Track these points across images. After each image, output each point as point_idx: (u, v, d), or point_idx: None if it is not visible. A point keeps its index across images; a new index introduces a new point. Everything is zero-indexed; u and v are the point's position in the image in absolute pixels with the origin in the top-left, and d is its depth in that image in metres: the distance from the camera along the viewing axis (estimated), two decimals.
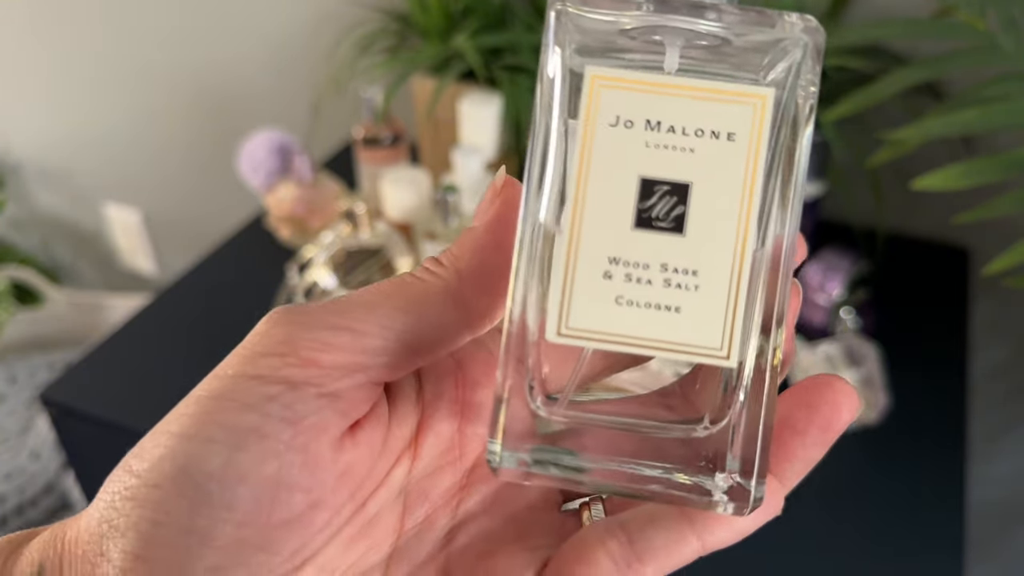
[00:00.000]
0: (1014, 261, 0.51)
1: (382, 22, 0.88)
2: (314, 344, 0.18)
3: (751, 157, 0.17)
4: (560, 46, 0.17)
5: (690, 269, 0.17)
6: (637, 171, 0.17)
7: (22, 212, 1.50)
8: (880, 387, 0.62)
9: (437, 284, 0.19)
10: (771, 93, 0.17)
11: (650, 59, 0.18)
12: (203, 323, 0.78)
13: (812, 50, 0.17)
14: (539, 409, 0.18)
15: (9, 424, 1.19)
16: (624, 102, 0.17)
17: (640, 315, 0.17)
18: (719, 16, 0.17)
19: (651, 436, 0.18)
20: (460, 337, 0.20)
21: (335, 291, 0.72)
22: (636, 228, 0.17)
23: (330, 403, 0.18)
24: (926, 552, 0.56)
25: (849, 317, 0.68)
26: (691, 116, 0.17)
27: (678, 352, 0.17)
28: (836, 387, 0.18)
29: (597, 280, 0.17)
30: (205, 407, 0.18)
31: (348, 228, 0.71)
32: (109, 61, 1.21)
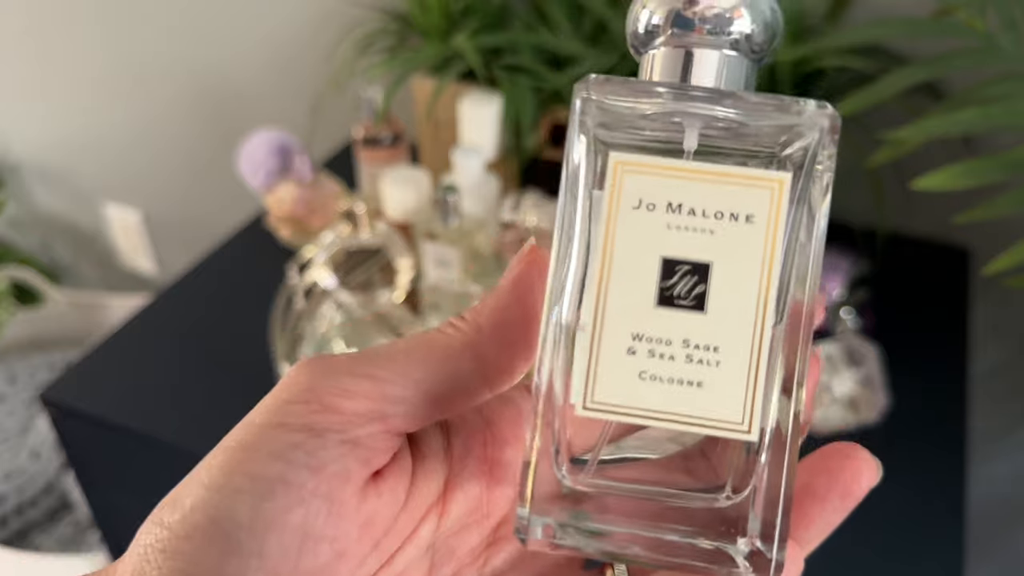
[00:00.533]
0: (1014, 261, 0.51)
1: (382, 22, 0.88)
2: (335, 391, 0.19)
3: (769, 238, 0.18)
4: (585, 134, 0.18)
5: (711, 345, 0.18)
6: (659, 251, 0.18)
7: (22, 212, 1.50)
8: (880, 387, 0.62)
9: (457, 337, 0.20)
10: (788, 177, 0.18)
11: (670, 138, 0.19)
12: (203, 323, 0.78)
13: (828, 133, 0.18)
14: (564, 477, 0.19)
15: (9, 424, 1.19)
16: (646, 186, 0.18)
17: (663, 390, 0.18)
18: (736, 103, 0.18)
19: (673, 504, 0.19)
20: (479, 391, 0.20)
21: (335, 291, 0.72)
22: (658, 306, 0.18)
23: (351, 450, 0.18)
24: (926, 552, 0.56)
25: (849, 317, 0.68)
26: (711, 199, 0.18)
27: (700, 426, 0.18)
28: (857, 456, 0.19)
29: (621, 356, 0.18)
30: (233, 457, 0.18)
31: (348, 228, 0.71)
32: (109, 61, 1.21)
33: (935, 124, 0.54)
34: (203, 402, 0.69)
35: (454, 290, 0.74)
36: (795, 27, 0.69)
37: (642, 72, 0.20)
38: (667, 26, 0.19)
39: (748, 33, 0.19)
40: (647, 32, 0.19)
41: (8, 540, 1.12)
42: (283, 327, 0.71)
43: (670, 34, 0.19)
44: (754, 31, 0.19)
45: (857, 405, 0.63)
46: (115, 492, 0.77)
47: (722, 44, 0.19)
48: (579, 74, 0.75)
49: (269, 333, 0.71)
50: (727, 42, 0.19)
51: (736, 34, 0.19)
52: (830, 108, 0.18)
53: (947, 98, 0.63)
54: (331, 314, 0.76)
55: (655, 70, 0.19)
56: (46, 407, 0.71)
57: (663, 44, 0.19)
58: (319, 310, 0.76)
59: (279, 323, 0.70)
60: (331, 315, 0.76)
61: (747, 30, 0.19)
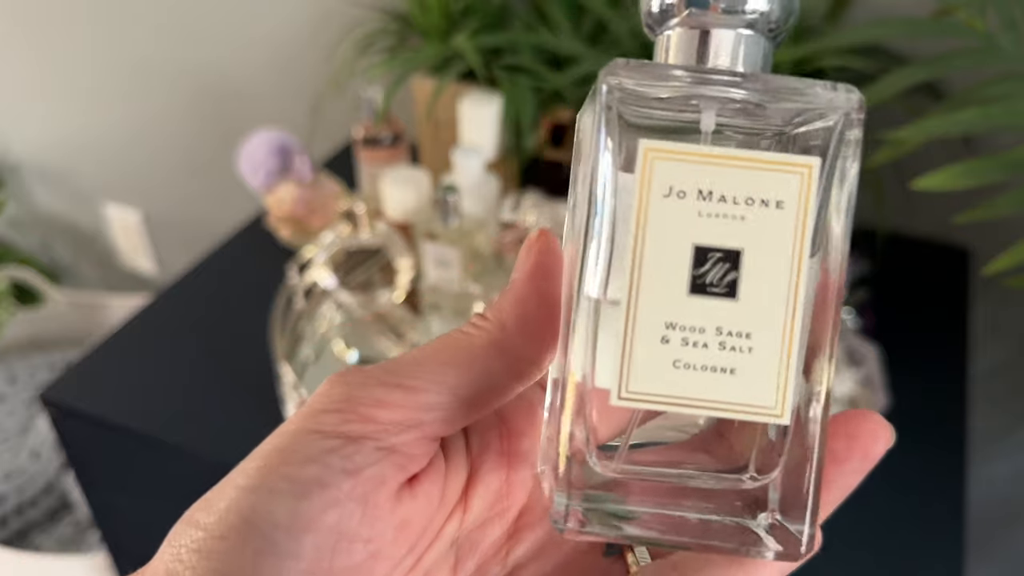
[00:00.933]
0: (1014, 261, 0.51)
1: (382, 22, 0.88)
2: (370, 401, 0.19)
3: (799, 223, 0.18)
4: (611, 116, 0.18)
5: (744, 332, 0.18)
6: (691, 239, 0.18)
7: (22, 212, 1.50)
8: (880, 387, 0.62)
9: (482, 336, 0.20)
10: (816, 162, 0.18)
11: (683, 118, 0.18)
12: (203, 323, 0.78)
13: (855, 114, 0.18)
14: (595, 464, 0.19)
15: (9, 424, 1.19)
16: (677, 173, 0.18)
17: (697, 377, 0.18)
18: (760, 84, 0.18)
19: (697, 485, 0.19)
20: (510, 387, 0.20)
21: (335, 291, 0.72)
22: (691, 294, 0.18)
23: (387, 456, 0.19)
24: (926, 552, 0.56)
25: (849, 317, 0.68)
26: (741, 186, 0.18)
27: (734, 412, 0.18)
28: (873, 419, 0.19)
29: (655, 345, 0.18)
30: (268, 461, 0.18)
31: (348, 228, 0.71)
32: (109, 61, 1.21)
33: (935, 124, 0.54)
34: (203, 402, 0.69)
35: (454, 290, 0.74)
36: (795, 27, 0.69)
37: (657, 53, 0.20)
38: (682, 5, 0.19)
39: (765, 11, 0.19)
40: (662, 11, 0.19)
41: (8, 540, 1.12)
42: (283, 327, 0.71)
43: (686, 14, 0.19)
44: (771, 8, 0.19)
45: (857, 405, 0.63)
46: (115, 492, 0.77)
47: (738, 23, 0.19)
48: (579, 74, 0.75)
49: (269, 333, 0.71)
50: (743, 21, 0.19)
51: (753, 12, 0.18)
52: (857, 92, 0.18)
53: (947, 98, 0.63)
54: (331, 314, 0.76)
55: (671, 51, 0.19)
56: (46, 407, 0.71)
57: (679, 24, 0.19)
58: (319, 310, 0.76)
59: (279, 323, 0.70)
60: (331, 315, 0.76)
61: (764, 7, 0.18)
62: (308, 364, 0.72)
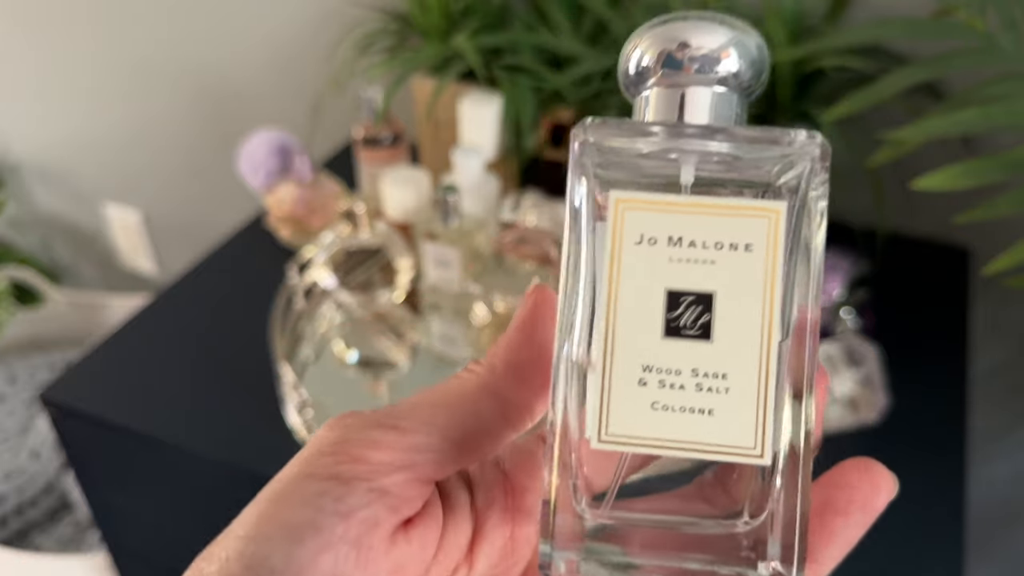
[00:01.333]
0: (1014, 261, 0.51)
1: (382, 22, 0.88)
2: (363, 442, 0.19)
3: (769, 265, 0.18)
4: (585, 174, 0.19)
5: (719, 373, 0.18)
6: (663, 284, 0.18)
7: (22, 212, 1.50)
8: (880, 387, 0.62)
9: (474, 380, 0.21)
10: (784, 206, 0.18)
11: (669, 173, 0.19)
12: (203, 323, 0.78)
13: (819, 160, 0.18)
14: (584, 512, 0.19)
15: (9, 424, 1.19)
16: (647, 221, 0.19)
17: (675, 419, 0.18)
18: (727, 138, 0.19)
19: (694, 533, 0.19)
20: (502, 432, 0.21)
21: (335, 291, 0.72)
22: (666, 337, 0.18)
23: (380, 498, 0.19)
24: (926, 552, 0.56)
25: (849, 317, 0.68)
26: (710, 231, 0.18)
27: (714, 453, 0.18)
28: (874, 469, 0.19)
29: (633, 388, 0.18)
30: (265, 509, 0.19)
31: (348, 228, 0.71)
32: (109, 61, 1.21)
33: (935, 124, 0.54)
34: (203, 402, 0.69)
35: (454, 290, 0.74)
36: (795, 27, 0.69)
37: (636, 112, 0.21)
38: (658, 67, 0.20)
39: (736, 71, 0.19)
40: (638, 73, 0.20)
41: (8, 540, 1.12)
42: (283, 327, 0.71)
43: (661, 75, 0.20)
44: (741, 69, 0.19)
45: (857, 405, 0.63)
46: (115, 492, 0.77)
47: (711, 82, 0.19)
48: (579, 74, 0.75)
49: (269, 333, 0.71)
50: (716, 80, 0.19)
51: (724, 72, 0.19)
52: (819, 137, 0.18)
53: (947, 98, 0.63)
54: (331, 314, 0.76)
55: (649, 110, 0.20)
56: (46, 407, 0.71)
57: (655, 84, 0.20)
58: (319, 310, 0.76)
59: (279, 323, 0.70)
60: (331, 315, 0.76)
61: (735, 68, 0.19)
62: (308, 364, 0.72)
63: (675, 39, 0.19)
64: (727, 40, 0.19)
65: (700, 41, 0.19)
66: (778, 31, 0.68)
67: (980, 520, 0.93)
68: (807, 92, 0.72)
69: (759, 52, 0.20)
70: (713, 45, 0.19)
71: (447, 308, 0.75)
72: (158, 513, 0.76)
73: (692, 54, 0.19)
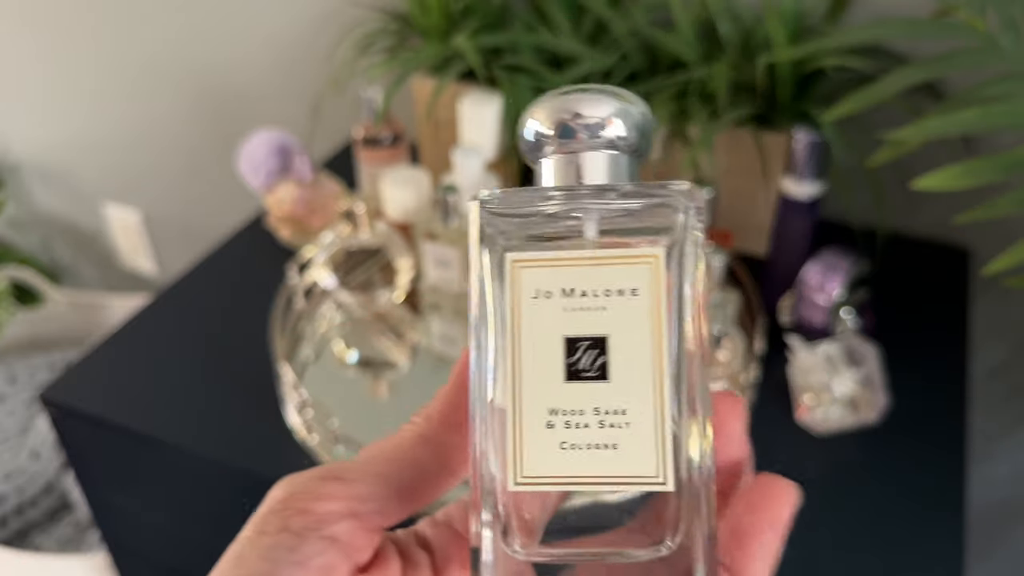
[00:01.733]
0: (1014, 261, 0.51)
1: (382, 22, 0.88)
2: (308, 496, 0.20)
3: (655, 305, 0.20)
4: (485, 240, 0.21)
5: (619, 409, 0.20)
6: (561, 332, 0.20)
7: (22, 212, 1.50)
8: (880, 387, 0.62)
9: (412, 430, 0.22)
10: (663, 252, 0.20)
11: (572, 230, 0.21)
12: (203, 323, 0.78)
13: (693, 209, 0.20)
14: (517, 552, 0.20)
15: (9, 424, 1.19)
16: (540, 277, 0.20)
17: (583, 456, 0.20)
18: (621, 196, 0.21)
19: (629, 564, 0.20)
20: (441, 477, 0.22)
21: (335, 291, 0.72)
22: (568, 380, 0.20)
23: (331, 545, 0.20)
24: (926, 552, 0.56)
25: (849, 317, 0.68)
26: (599, 280, 0.20)
27: (621, 484, 0.20)
28: (774, 484, 0.20)
29: (541, 431, 0.20)
30: (225, 568, 0.20)
31: (348, 228, 0.71)
32: (109, 61, 1.21)
33: (935, 124, 0.54)
34: (203, 402, 0.69)
35: (454, 290, 0.74)
36: (795, 27, 0.69)
37: (537, 178, 0.23)
38: (555, 136, 0.22)
39: (623, 135, 0.22)
40: (536, 142, 0.22)
41: (8, 540, 1.12)
42: (283, 327, 0.71)
43: (558, 144, 0.22)
44: (629, 134, 0.22)
45: (857, 405, 0.63)
46: (115, 492, 0.77)
47: (601, 146, 0.22)
48: (579, 74, 0.75)
49: (269, 333, 0.71)
50: (604, 144, 0.22)
51: (612, 137, 0.21)
52: (691, 186, 0.20)
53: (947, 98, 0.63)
54: (331, 314, 0.76)
55: (548, 175, 0.22)
56: (46, 407, 0.71)
57: (553, 152, 0.22)
58: (319, 310, 0.76)
59: (279, 323, 0.70)
60: (331, 315, 0.76)
61: (622, 133, 0.22)
62: (308, 364, 0.72)
63: (568, 111, 0.21)
64: (613, 110, 0.21)
65: (589, 111, 0.21)
66: (778, 31, 0.68)
67: (980, 520, 0.93)
68: (807, 92, 0.72)
69: (643, 118, 0.22)
70: (600, 115, 0.21)
71: (447, 308, 0.75)
72: (158, 513, 0.76)
73: (582, 123, 0.21)
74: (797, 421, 0.64)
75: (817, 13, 0.74)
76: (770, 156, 0.73)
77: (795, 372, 0.65)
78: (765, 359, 0.68)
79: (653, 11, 0.78)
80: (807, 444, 0.63)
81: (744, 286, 0.71)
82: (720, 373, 0.63)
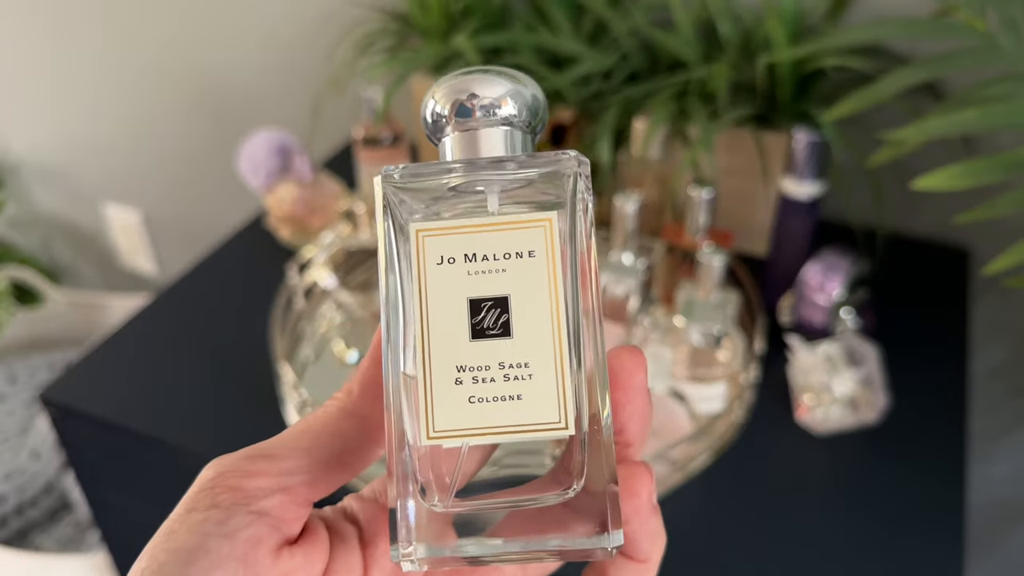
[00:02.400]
0: (1014, 261, 0.51)
1: (382, 22, 0.88)
2: (237, 474, 0.21)
3: (550, 265, 0.21)
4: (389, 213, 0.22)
5: (522, 363, 0.21)
6: (465, 294, 0.21)
7: (22, 212, 1.50)
8: (880, 387, 0.62)
9: (334, 404, 0.23)
10: (554, 215, 0.22)
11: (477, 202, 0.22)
12: (203, 323, 0.78)
13: (582, 175, 0.22)
14: (436, 505, 0.21)
15: (9, 424, 1.19)
16: (444, 245, 0.22)
17: (490, 408, 0.21)
18: (517, 166, 0.22)
19: (542, 509, 0.22)
20: (365, 448, 0.23)
21: (335, 291, 0.72)
22: (473, 339, 0.21)
23: (260, 518, 0.21)
24: (926, 552, 0.56)
25: (849, 317, 0.68)
26: (498, 245, 0.22)
27: (527, 432, 0.21)
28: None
29: (450, 387, 0.21)
30: (157, 543, 0.21)
31: (348, 228, 0.71)
32: (109, 61, 1.21)
33: (935, 124, 0.54)
34: (203, 402, 0.69)
35: None
36: (795, 27, 0.69)
37: (441, 155, 0.24)
38: (451, 115, 0.23)
39: (515, 113, 0.23)
40: (434, 122, 0.24)
41: (8, 540, 1.12)
42: (283, 327, 0.71)
43: (455, 122, 0.23)
44: (520, 111, 0.23)
45: (857, 405, 0.63)
46: (115, 492, 0.77)
47: (496, 124, 0.23)
48: (579, 74, 0.75)
49: (269, 333, 0.71)
50: (499, 121, 0.23)
51: (506, 115, 0.23)
52: (574, 153, 0.22)
53: (947, 98, 0.63)
54: (331, 314, 0.76)
55: (449, 152, 0.24)
56: (46, 407, 0.71)
57: (453, 130, 0.23)
58: (319, 310, 0.76)
59: (279, 323, 0.70)
60: (331, 315, 0.76)
61: (513, 111, 0.23)
62: (308, 364, 0.72)
63: (464, 91, 0.23)
64: (505, 91, 0.23)
65: (483, 92, 0.23)
66: (778, 31, 0.68)
67: (980, 519, 0.93)
68: (807, 92, 0.72)
69: (534, 99, 0.23)
70: (493, 95, 0.23)
71: None
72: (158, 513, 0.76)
73: (477, 103, 0.23)
74: (797, 421, 0.64)
75: (817, 13, 0.74)
76: (770, 156, 0.73)
77: (795, 372, 0.65)
78: (765, 359, 0.68)
79: (653, 11, 0.78)
80: (807, 444, 0.63)
81: (744, 286, 0.71)
82: (720, 373, 0.63)
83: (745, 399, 0.64)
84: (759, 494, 0.59)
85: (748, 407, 0.65)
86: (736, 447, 0.62)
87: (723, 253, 0.64)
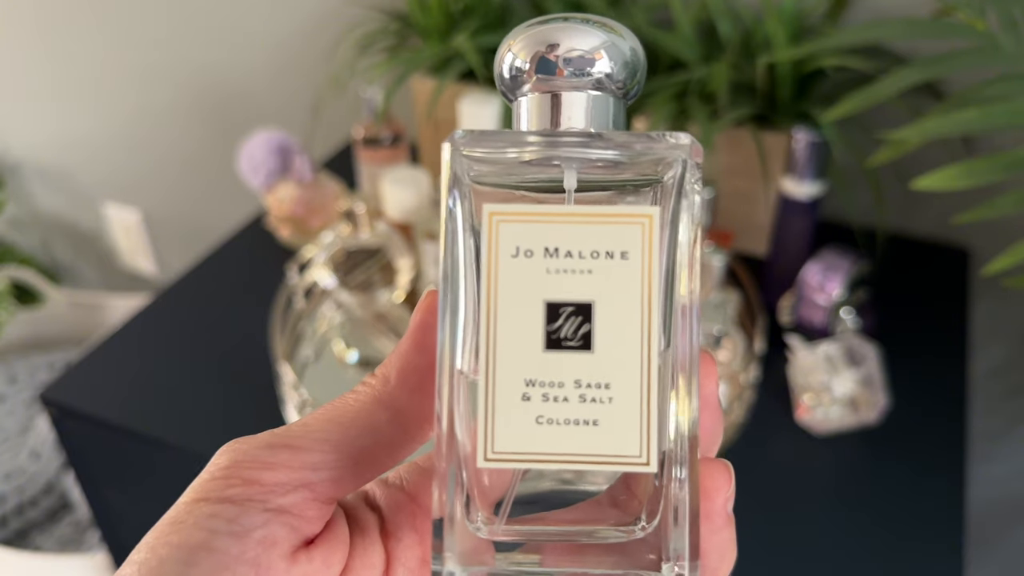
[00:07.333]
0: (1014, 261, 0.51)
1: (382, 22, 0.88)
2: (255, 464, 0.19)
3: (645, 270, 0.18)
4: (458, 187, 0.19)
5: (602, 383, 0.18)
6: (542, 296, 0.18)
7: (22, 212, 1.50)
8: (880, 387, 0.62)
9: (367, 392, 0.20)
10: (656, 211, 0.18)
11: (554, 177, 0.19)
12: (203, 323, 0.78)
13: (691, 162, 0.18)
14: (479, 529, 0.19)
15: (9, 424, 1.19)
16: (521, 233, 0.18)
17: (560, 432, 0.18)
18: (603, 144, 0.19)
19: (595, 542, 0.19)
20: (399, 442, 0.20)
21: (335, 291, 0.72)
22: (547, 349, 0.18)
23: (276, 517, 0.18)
24: (926, 552, 0.56)
25: (849, 317, 0.68)
26: (586, 240, 0.18)
27: (601, 464, 0.18)
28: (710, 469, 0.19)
29: (516, 403, 0.18)
30: (160, 533, 0.19)
31: (348, 228, 0.71)
32: (109, 61, 1.21)
33: (935, 124, 0.54)
34: (203, 402, 0.69)
35: None
36: (795, 27, 0.69)
37: (514, 119, 0.21)
38: (532, 71, 0.19)
39: (610, 72, 0.19)
40: (512, 77, 0.20)
41: (8, 540, 1.12)
42: (283, 327, 0.71)
43: (536, 79, 0.19)
44: (615, 70, 0.19)
45: (857, 405, 0.63)
46: (115, 492, 0.77)
47: (585, 85, 0.19)
48: None
49: (269, 333, 0.71)
50: (590, 83, 0.19)
51: (598, 74, 0.19)
52: (689, 137, 0.18)
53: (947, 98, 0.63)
54: (331, 314, 0.76)
55: (526, 116, 0.20)
56: (46, 407, 0.71)
57: (531, 89, 0.20)
58: (319, 310, 0.76)
59: (279, 323, 0.70)
60: (331, 315, 0.76)
61: (608, 70, 0.19)
62: (308, 364, 0.72)
63: (546, 42, 0.19)
64: (599, 42, 0.19)
65: (572, 43, 0.19)
66: (778, 31, 0.68)
67: (980, 519, 0.93)
68: (807, 92, 0.72)
69: (632, 54, 0.20)
70: (586, 47, 0.19)
71: None
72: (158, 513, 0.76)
73: (565, 56, 0.19)
74: (797, 421, 0.64)
75: (817, 13, 0.74)
76: (770, 156, 0.73)
77: (795, 372, 0.65)
78: (765, 359, 0.68)
79: (653, 11, 0.78)
80: (807, 444, 0.63)
81: (744, 286, 0.71)
82: (720, 373, 0.63)
83: (745, 399, 0.64)
84: (759, 494, 0.59)
85: (748, 407, 0.65)
86: (736, 447, 0.62)
87: (723, 253, 0.64)
